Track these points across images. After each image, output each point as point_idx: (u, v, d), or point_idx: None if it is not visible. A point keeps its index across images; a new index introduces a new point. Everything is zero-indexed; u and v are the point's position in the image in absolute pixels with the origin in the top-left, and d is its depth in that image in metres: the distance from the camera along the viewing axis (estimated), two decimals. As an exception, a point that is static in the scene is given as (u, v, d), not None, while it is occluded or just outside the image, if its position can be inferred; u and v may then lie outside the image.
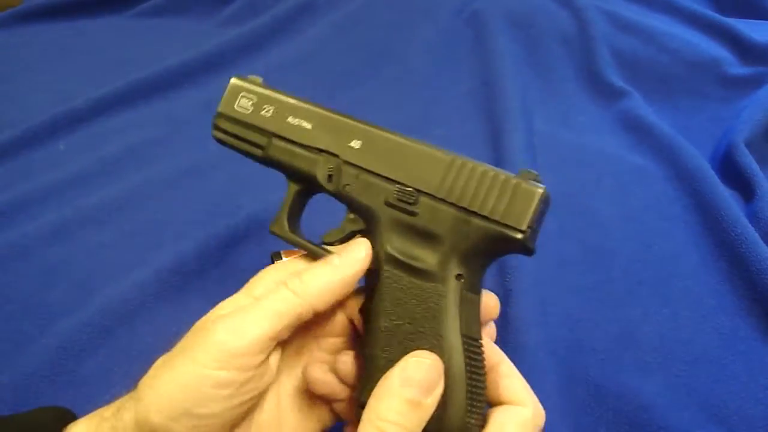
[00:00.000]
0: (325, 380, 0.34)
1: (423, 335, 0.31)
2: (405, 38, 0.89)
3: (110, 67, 0.86)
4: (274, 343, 0.31)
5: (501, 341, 0.46)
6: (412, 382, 0.29)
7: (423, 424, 0.28)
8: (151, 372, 0.31)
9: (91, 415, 0.32)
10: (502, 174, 0.31)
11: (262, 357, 0.30)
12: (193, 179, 0.62)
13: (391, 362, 0.30)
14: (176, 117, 0.75)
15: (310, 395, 0.35)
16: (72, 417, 0.33)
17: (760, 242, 0.51)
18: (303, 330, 0.34)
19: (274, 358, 0.32)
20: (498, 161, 0.65)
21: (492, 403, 0.32)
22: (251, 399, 0.30)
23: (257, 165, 0.38)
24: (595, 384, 0.44)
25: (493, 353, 0.33)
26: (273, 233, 0.36)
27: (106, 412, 0.32)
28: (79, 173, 0.64)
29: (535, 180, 0.31)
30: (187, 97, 0.78)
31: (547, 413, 0.41)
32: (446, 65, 0.84)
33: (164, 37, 0.95)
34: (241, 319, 0.30)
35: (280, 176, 0.38)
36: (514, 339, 0.45)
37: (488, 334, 0.35)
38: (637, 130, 0.70)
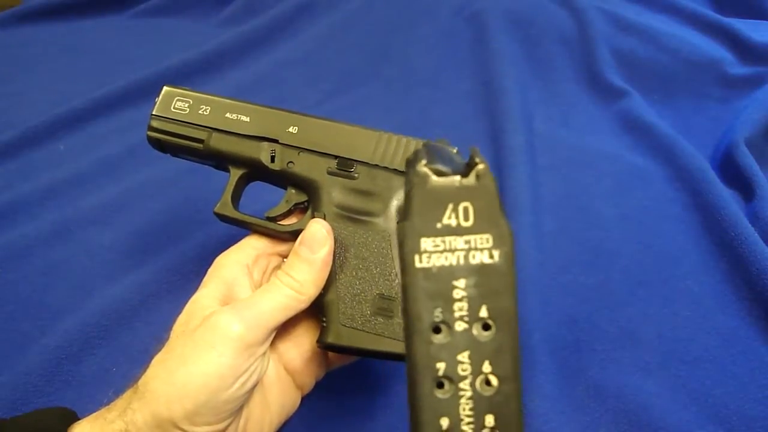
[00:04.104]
0: None
1: (378, 275, 0.35)
2: (405, 38, 0.89)
3: (110, 67, 0.86)
4: (275, 331, 0.35)
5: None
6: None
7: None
8: (155, 371, 0.32)
9: (93, 416, 0.32)
10: (421, 140, 0.38)
11: (267, 345, 0.34)
12: (193, 179, 0.62)
13: (343, 299, 0.35)
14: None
15: (288, 370, 0.38)
16: (75, 417, 0.33)
17: (760, 242, 0.51)
18: None
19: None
20: (498, 161, 0.65)
21: None
22: (256, 383, 0.34)
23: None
24: (595, 384, 0.44)
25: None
26: (217, 214, 0.40)
27: (109, 414, 0.32)
28: (79, 173, 0.64)
29: (448, 145, 0.38)
30: (187, 97, 0.78)
31: (547, 413, 0.41)
32: (446, 65, 0.84)
33: (164, 37, 0.95)
34: (255, 313, 0.33)
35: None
36: (514, 339, 0.45)
37: None
38: (636, 130, 0.70)
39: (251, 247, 0.39)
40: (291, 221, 0.40)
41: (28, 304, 0.50)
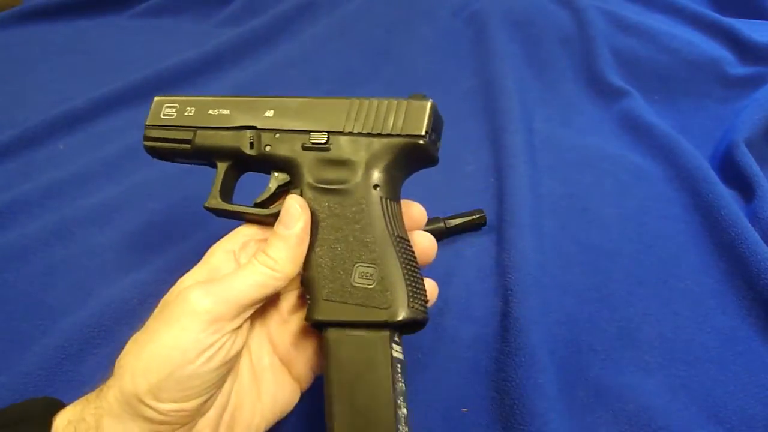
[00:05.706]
0: None
1: (355, 243, 0.35)
2: (405, 38, 0.89)
3: (110, 67, 0.86)
4: (252, 311, 0.34)
5: (501, 341, 0.46)
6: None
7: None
8: (128, 347, 0.32)
9: (76, 401, 0.33)
10: (394, 100, 0.37)
11: (238, 322, 0.33)
12: (193, 179, 0.62)
13: (326, 274, 0.35)
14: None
15: (283, 360, 0.38)
16: (61, 406, 0.33)
17: (760, 242, 0.51)
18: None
19: (246, 324, 0.35)
20: (498, 161, 0.65)
21: None
22: (226, 362, 0.33)
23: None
24: (595, 384, 0.44)
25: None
26: (207, 208, 0.40)
27: (91, 396, 0.32)
28: (79, 173, 0.64)
29: (423, 98, 0.37)
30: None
31: (547, 413, 0.41)
32: (446, 65, 0.84)
33: (164, 37, 0.95)
34: (225, 288, 0.33)
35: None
36: (514, 339, 0.45)
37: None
38: (637, 130, 0.70)
39: (241, 234, 0.39)
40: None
41: (28, 304, 0.50)
